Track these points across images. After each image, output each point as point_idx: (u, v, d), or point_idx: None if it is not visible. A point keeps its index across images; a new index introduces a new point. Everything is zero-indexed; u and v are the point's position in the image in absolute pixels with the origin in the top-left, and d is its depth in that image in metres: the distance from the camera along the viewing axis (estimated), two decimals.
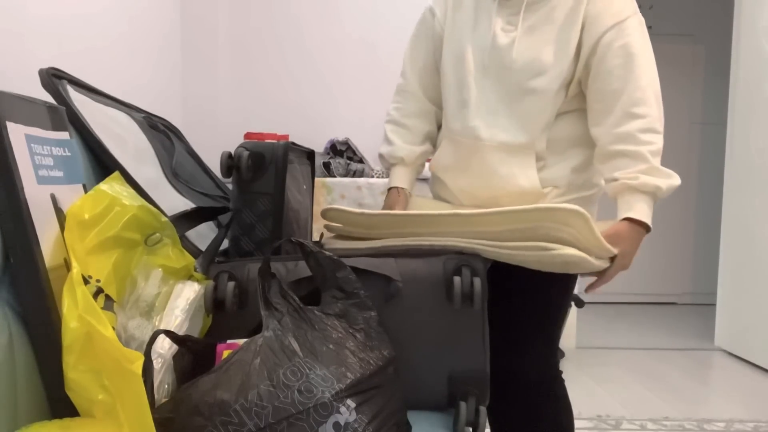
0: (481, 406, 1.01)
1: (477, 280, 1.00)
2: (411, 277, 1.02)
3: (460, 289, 0.99)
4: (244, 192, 1.20)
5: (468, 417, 0.99)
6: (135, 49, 2.09)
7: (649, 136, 1.14)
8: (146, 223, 0.94)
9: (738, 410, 2.46)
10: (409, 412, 0.94)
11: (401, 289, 1.01)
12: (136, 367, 0.70)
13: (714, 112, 4.34)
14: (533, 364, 1.26)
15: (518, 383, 1.25)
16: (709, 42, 4.37)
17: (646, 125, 1.14)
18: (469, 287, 1.00)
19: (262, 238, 1.17)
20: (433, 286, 1.02)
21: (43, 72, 1.07)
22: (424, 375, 1.01)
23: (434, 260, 1.03)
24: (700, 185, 4.46)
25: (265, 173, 1.19)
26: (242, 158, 1.16)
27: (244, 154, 1.16)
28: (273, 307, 0.88)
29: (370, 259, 1.03)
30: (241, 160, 1.16)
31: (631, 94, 1.14)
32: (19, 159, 0.79)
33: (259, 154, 1.19)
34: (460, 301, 0.99)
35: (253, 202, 1.19)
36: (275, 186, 1.19)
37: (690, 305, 4.44)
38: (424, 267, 1.03)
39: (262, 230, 1.18)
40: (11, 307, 0.77)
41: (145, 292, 0.92)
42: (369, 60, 3.01)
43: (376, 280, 0.99)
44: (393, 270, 1.02)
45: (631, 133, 1.14)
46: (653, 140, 1.14)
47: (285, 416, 0.76)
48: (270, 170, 1.19)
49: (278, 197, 1.19)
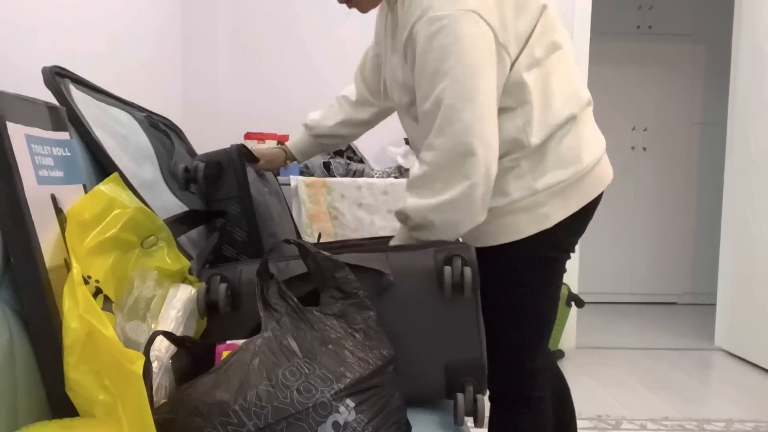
0: (479, 394, 1.01)
1: (467, 270, 1.00)
2: (402, 270, 1.02)
3: (450, 278, 0.99)
4: (210, 202, 1.22)
5: (467, 407, 1.00)
6: (135, 48, 2.09)
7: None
8: (143, 226, 0.95)
9: (738, 410, 2.46)
10: (408, 412, 0.94)
11: (393, 283, 1.01)
12: (137, 368, 0.70)
13: (714, 112, 4.34)
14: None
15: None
16: (709, 42, 4.37)
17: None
18: (459, 277, 1.00)
19: (242, 241, 1.18)
20: (424, 278, 1.02)
21: (46, 70, 1.07)
22: (421, 367, 1.01)
23: (424, 252, 1.04)
24: (700, 185, 4.46)
25: (225, 179, 1.21)
26: (198, 170, 1.18)
27: (200, 166, 1.18)
28: (272, 307, 0.88)
29: (360, 255, 1.03)
30: (198, 172, 1.18)
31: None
32: (19, 159, 0.79)
33: (215, 162, 1.22)
34: (451, 291, 0.99)
35: (223, 208, 1.21)
36: (239, 188, 1.20)
37: (690, 305, 4.44)
38: (415, 259, 1.03)
39: (239, 233, 1.20)
40: (11, 307, 0.78)
41: (141, 295, 0.92)
42: None
43: (367, 276, 0.99)
44: (384, 264, 1.02)
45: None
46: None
47: (284, 416, 0.77)
48: (229, 174, 1.21)
49: (245, 197, 1.20)
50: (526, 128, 1.10)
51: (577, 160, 1.13)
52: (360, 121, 1.45)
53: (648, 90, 4.37)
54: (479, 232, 1.14)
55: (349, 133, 1.47)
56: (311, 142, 1.47)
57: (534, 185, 1.11)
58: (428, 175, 1.06)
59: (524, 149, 1.11)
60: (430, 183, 1.06)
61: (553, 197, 1.12)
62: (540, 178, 1.11)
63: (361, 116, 1.45)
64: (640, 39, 4.36)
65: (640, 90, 4.35)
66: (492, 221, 1.13)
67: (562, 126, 1.12)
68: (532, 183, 1.11)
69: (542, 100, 1.10)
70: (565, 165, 1.12)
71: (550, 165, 1.12)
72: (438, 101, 1.02)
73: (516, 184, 1.12)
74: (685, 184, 4.49)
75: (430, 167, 1.05)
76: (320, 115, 1.47)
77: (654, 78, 4.38)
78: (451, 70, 1.00)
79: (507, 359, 1.19)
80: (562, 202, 1.13)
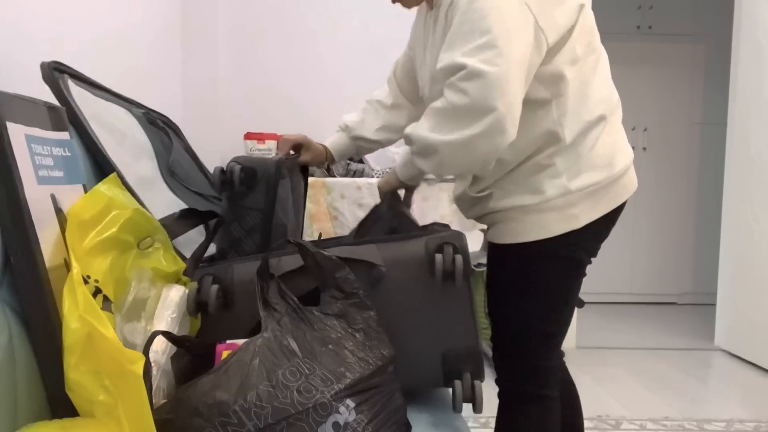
0: (476, 380, 1.01)
1: (458, 257, 1.00)
2: (394, 261, 1.02)
3: (441, 266, 0.99)
4: (234, 205, 1.20)
5: (465, 394, 1.00)
6: (135, 47, 2.09)
7: None
8: (140, 227, 0.95)
9: (738, 410, 2.46)
10: (408, 411, 0.94)
11: (384, 274, 1.01)
12: (137, 368, 0.70)
13: (714, 112, 4.34)
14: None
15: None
16: (709, 42, 4.37)
17: None
18: (451, 264, 0.99)
19: (249, 253, 1.17)
20: (416, 268, 1.02)
21: (45, 65, 1.07)
22: (418, 357, 1.01)
23: (416, 242, 1.04)
24: (700, 185, 4.46)
25: (255, 189, 1.19)
26: (234, 172, 1.17)
27: (236, 168, 1.17)
28: (272, 307, 0.88)
29: (351, 248, 1.03)
30: (234, 174, 1.17)
31: None
32: (19, 159, 0.79)
33: (251, 170, 1.19)
34: (442, 279, 0.99)
35: (243, 216, 1.20)
36: (265, 203, 1.19)
37: (690, 305, 4.44)
38: (407, 249, 1.03)
39: (249, 245, 1.19)
40: (11, 307, 0.77)
41: (138, 297, 0.92)
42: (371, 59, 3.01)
43: (359, 268, 0.99)
44: (375, 256, 1.02)
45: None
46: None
47: (284, 416, 0.77)
48: (260, 186, 1.20)
49: (267, 214, 1.19)
50: (561, 121, 1.11)
51: (609, 164, 1.15)
52: (398, 126, 1.42)
53: (648, 90, 4.36)
54: (505, 228, 1.16)
55: (385, 139, 1.45)
56: (350, 144, 1.45)
57: (568, 185, 1.12)
58: (445, 112, 1.03)
59: (559, 143, 1.12)
60: (445, 119, 1.03)
61: (584, 199, 1.13)
62: (574, 179, 1.12)
63: (399, 121, 1.42)
64: (640, 39, 4.36)
65: (640, 90, 4.35)
66: (520, 218, 1.14)
67: (595, 124, 1.13)
68: (567, 183, 1.12)
69: (578, 95, 1.12)
70: (599, 168, 1.14)
71: (584, 166, 1.13)
72: (469, 53, 1.00)
73: (550, 183, 1.12)
74: (685, 184, 4.48)
75: (449, 106, 1.02)
76: (359, 118, 1.45)
77: (654, 78, 4.38)
78: (488, 29, 1.00)
79: (522, 357, 1.20)
80: (593, 204, 1.14)
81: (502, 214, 1.17)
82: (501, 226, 1.18)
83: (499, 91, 0.97)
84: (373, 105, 1.46)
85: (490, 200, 1.18)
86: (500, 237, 1.18)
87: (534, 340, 1.21)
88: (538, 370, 1.22)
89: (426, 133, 1.05)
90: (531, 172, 1.13)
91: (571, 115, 1.11)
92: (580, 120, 1.12)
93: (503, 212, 1.17)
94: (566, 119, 1.11)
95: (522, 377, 1.22)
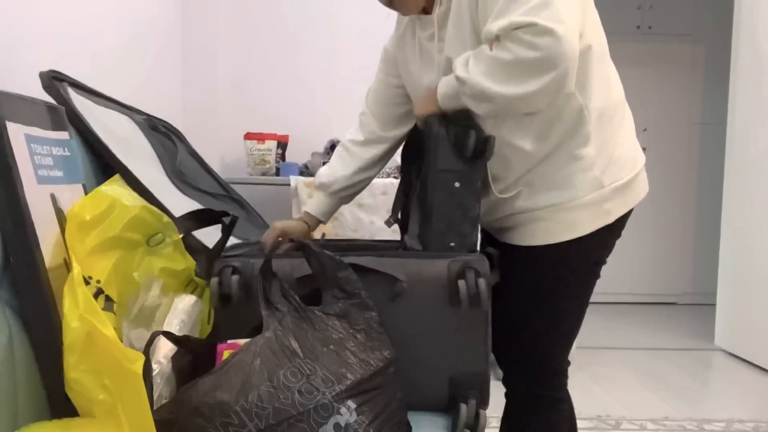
0: (481, 409, 1.01)
1: (482, 282, 0.99)
2: (416, 278, 1.01)
3: (466, 292, 0.98)
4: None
5: (468, 420, 0.99)
6: (135, 51, 2.09)
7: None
8: (148, 224, 0.94)
9: (738, 410, 2.46)
10: (409, 413, 0.93)
11: (406, 290, 1.00)
12: (137, 367, 0.70)
13: (714, 112, 4.34)
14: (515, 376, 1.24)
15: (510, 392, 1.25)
16: (709, 42, 4.37)
17: None
18: (474, 289, 0.99)
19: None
20: (437, 288, 1.01)
21: (44, 75, 1.07)
22: (426, 376, 1.01)
23: (439, 262, 1.03)
24: (700, 185, 4.46)
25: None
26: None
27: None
28: (274, 306, 0.88)
29: (377, 259, 1.03)
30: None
31: None
32: (19, 159, 0.79)
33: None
34: (468, 305, 0.98)
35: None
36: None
37: (690, 305, 4.44)
38: (429, 268, 1.02)
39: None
40: (11, 307, 0.77)
41: (146, 304, 0.92)
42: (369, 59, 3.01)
43: (381, 280, 0.99)
44: (399, 270, 1.01)
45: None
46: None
47: (285, 417, 0.76)
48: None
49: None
50: (587, 104, 1.08)
51: (633, 160, 1.16)
52: (374, 160, 1.38)
53: (648, 90, 4.36)
54: (535, 228, 1.14)
55: (366, 177, 1.39)
56: (332, 201, 1.39)
57: (601, 178, 1.10)
58: (507, 64, 0.99)
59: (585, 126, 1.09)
60: (505, 71, 1.00)
61: (616, 193, 1.12)
62: (605, 171, 1.11)
63: (374, 154, 1.38)
64: (640, 39, 4.36)
65: (639, 90, 4.34)
66: (549, 217, 1.12)
67: (616, 108, 1.13)
68: (599, 176, 1.10)
69: (601, 73, 1.10)
70: (625, 163, 1.14)
71: (613, 159, 1.12)
72: (530, 12, 0.97)
73: (582, 176, 1.10)
74: (685, 184, 4.48)
75: (513, 58, 0.98)
76: (331, 169, 1.38)
77: (654, 78, 4.38)
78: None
79: (536, 358, 1.19)
80: (623, 198, 1.14)
81: (531, 214, 1.13)
82: (529, 227, 1.14)
83: (569, 47, 0.96)
84: (344, 147, 1.39)
85: (518, 199, 1.14)
86: (526, 239, 1.14)
87: (557, 343, 1.20)
88: (558, 374, 1.21)
89: (483, 82, 1.01)
90: (562, 164, 1.10)
91: (596, 89, 1.09)
92: (605, 98, 1.10)
93: (532, 212, 1.13)
94: (591, 95, 1.08)
95: (542, 381, 1.20)
